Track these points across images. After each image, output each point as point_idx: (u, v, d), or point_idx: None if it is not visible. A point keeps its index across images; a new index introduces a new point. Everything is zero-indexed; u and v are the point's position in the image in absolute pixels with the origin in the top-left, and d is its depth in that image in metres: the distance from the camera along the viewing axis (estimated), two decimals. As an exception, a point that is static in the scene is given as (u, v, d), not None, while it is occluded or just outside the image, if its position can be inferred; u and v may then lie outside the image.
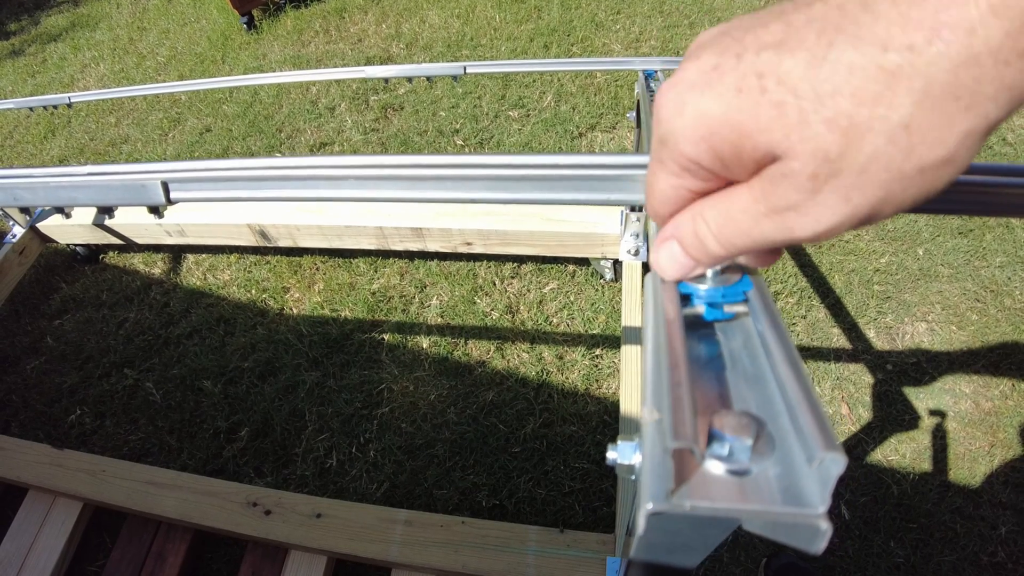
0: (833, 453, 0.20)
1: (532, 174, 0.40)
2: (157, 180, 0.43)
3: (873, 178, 0.20)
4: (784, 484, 0.22)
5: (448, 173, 0.41)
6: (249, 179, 0.43)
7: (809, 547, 0.22)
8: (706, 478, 0.23)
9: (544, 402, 1.42)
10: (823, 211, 0.22)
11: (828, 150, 0.20)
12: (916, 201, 0.21)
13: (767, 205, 0.23)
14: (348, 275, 1.74)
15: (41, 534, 1.32)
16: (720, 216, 0.25)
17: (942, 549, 1.19)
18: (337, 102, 2.33)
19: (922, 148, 0.19)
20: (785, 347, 0.25)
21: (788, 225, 0.23)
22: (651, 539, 0.35)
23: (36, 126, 2.64)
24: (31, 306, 1.87)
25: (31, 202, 0.49)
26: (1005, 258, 1.59)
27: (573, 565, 1.04)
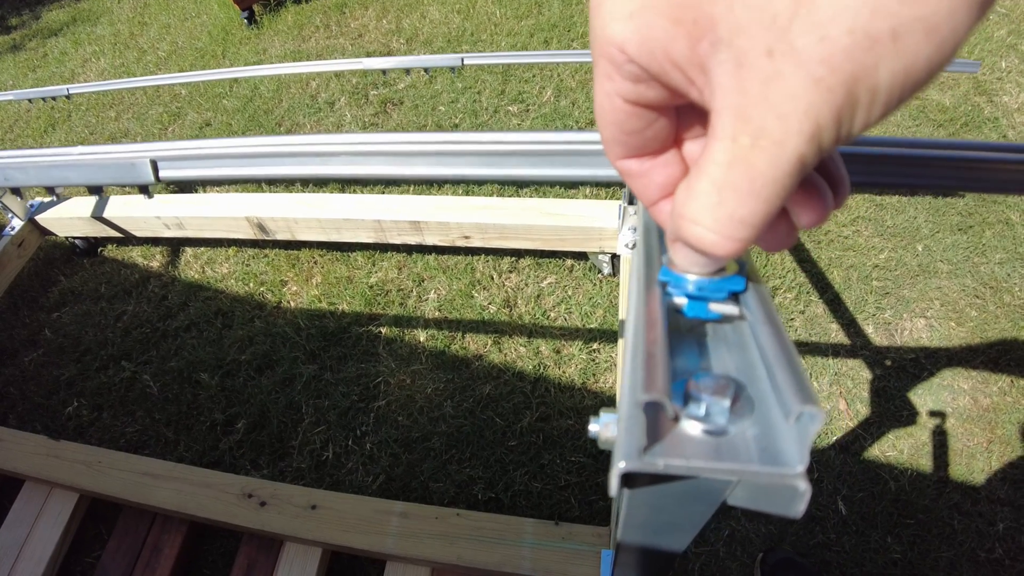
0: (810, 407, 0.20)
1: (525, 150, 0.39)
2: (146, 158, 0.43)
3: (837, 45, 0.16)
4: (762, 444, 0.22)
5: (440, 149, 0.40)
6: (238, 156, 0.42)
7: (788, 510, 0.21)
8: (682, 438, 0.22)
9: (541, 396, 1.42)
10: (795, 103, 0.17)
11: (778, 14, 0.17)
12: (894, 88, 0.17)
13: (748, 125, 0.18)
14: (346, 268, 1.74)
15: (38, 525, 1.32)
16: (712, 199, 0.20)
17: (939, 545, 1.19)
18: (337, 97, 2.32)
19: (892, 2, 0.16)
20: (766, 309, 0.25)
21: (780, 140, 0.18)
22: (636, 518, 0.35)
23: (36, 120, 2.64)
24: (30, 299, 1.87)
25: (22, 182, 0.48)
26: (1005, 254, 1.58)
27: (568, 558, 1.03)
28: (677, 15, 0.19)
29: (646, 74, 0.21)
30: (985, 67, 2.13)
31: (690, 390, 0.23)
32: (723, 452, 0.22)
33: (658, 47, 0.19)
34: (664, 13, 0.19)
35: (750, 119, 0.18)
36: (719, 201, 0.20)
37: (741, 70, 0.18)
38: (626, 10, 0.20)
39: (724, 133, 0.19)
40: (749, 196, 0.19)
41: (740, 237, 0.21)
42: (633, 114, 0.23)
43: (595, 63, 0.22)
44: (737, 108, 0.18)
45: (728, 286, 0.27)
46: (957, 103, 2.00)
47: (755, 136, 0.18)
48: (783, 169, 0.19)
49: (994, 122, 1.93)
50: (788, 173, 0.19)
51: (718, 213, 0.20)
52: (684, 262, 0.25)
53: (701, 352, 0.26)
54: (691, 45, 0.19)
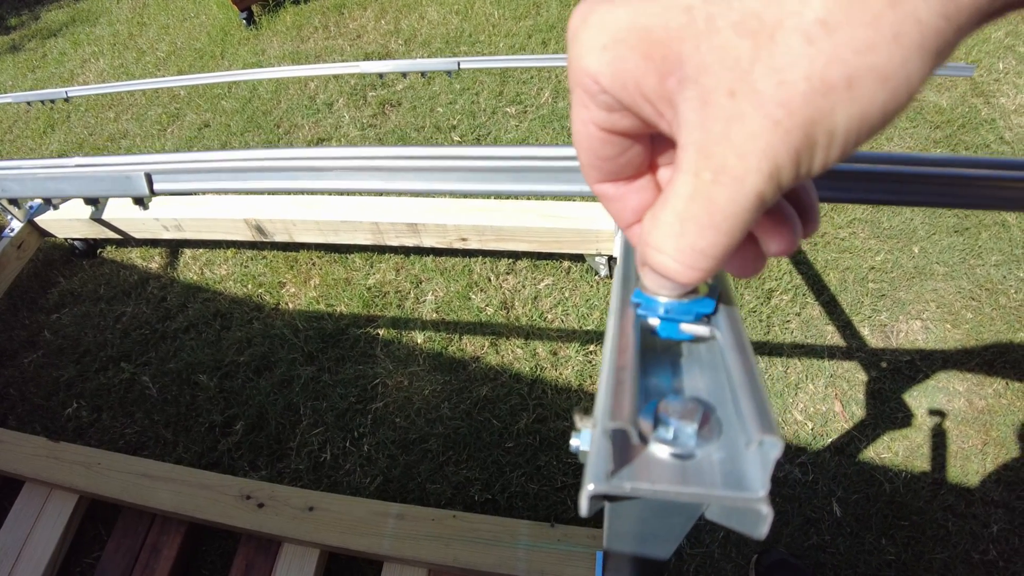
0: (770, 436, 0.20)
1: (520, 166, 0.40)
2: (141, 172, 0.44)
3: (795, 90, 0.17)
4: (727, 468, 0.22)
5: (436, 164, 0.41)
6: (233, 170, 0.43)
7: (753, 532, 0.22)
8: (650, 461, 0.23)
9: (538, 398, 1.42)
10: (755, 143, 0.18)
11: (740, 56, 0.18)
12: (850, 132, 0.18)
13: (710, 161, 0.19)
14: (344, 270, 1.75)
15: (37, 526, 1.33)
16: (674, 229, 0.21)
17: (934, 547, 1.19)
18: (335, 98, 2.33)
19: (846, 51, 0.17)
20: (736, 333, 0.26)
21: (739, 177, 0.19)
22: (618, 529, 0.35)
23: (35, 121, 2.64)
24: (29, 300, 1.88)
25: (19, 193, 0.49)
26: (1000, 256, 1.59)
27: (563, 559, 1.04)
28: (647, 51, 0.19)
29: (618, 104, 0.21)
30: (982, 68, 2.14)
31: (659, 413, 0.24)
32: (689, 476, 0.22)
33: (629, 80, 0.20)
34: (636, 48, 0.20)
35: (712, 155, 0.19)
36: (680, 232, 0.21)
37: (705, 108, 0.19)
38: (600, 42, 0.20)
39: (688, 167, 0.20)
40: (709, 228, 0.20)
41: (700, 267, 0.21)
42: (607, 141, 0.23)
43: (572, 91, 0.22)
44: (700, 144, 0.19)
45: (697, 308, 0.27)
46: (954, 104, 2.00)
47: (716, 172, 0.19)
48: (742, 204, 0.19)
49: (991, 123, 1.93)
50: (747, 208, 0.20)
51: (680, 243, 0.21)
52: (653, 285, 0.26)
53: (675, 371, 0.27)
54: (660, 80, 0.20)
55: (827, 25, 0.17)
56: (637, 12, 0.19)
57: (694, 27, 0.18)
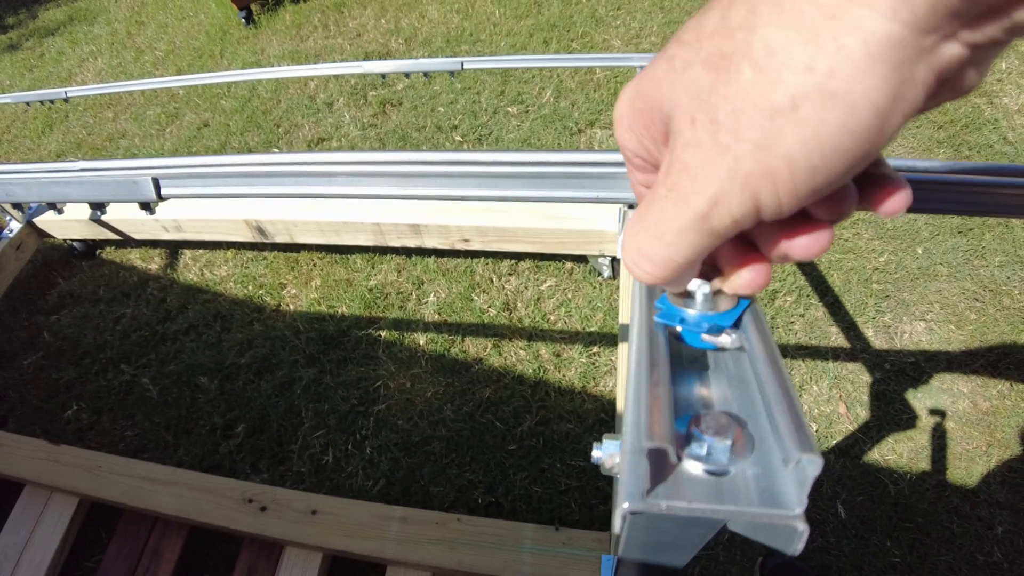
0: (809, 454, 0.20)
1: (525, 171, 0.40)
2: (148, 176, 0.43)
3: (742, 116, 0.18)
4: (762, 485, 0.22)
5: (441, 170, 0.40)
6: (240, 175, 0.42)
7: (787, 548, 0.22)
8: (684, 478, 0.22)
9: (541, 400, 1.42)
10: (704, 167, 0.19)
11: (700, 88, 0.19)
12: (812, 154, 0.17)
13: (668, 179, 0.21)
14: (345, 271, 1.74)
15: (38, 529, 1.32)
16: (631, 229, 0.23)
17: (938, 549, 1.19)
18: (335, 97, 2.32)
19: (787, 73, 0.17)
20: (767, 348, 0.25)
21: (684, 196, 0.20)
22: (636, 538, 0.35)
23: (33, 121, 2.63)
24: (28, 302, 1.87)
25: (24, 198, 0.48)
26: (1004, 257, 1.58)
27: (568, 563, 1.03)
28: (642, 107, 0.22)
29: (645, 162, 0.24)
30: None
31: (692, 430, 0.23)
32: (724, 492, 0.22)
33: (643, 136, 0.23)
34: (637, 108, 0.22)
35: (670, 174, 0.21)
36: (634, 232, 0.23)
37: (674, 136, 0.21)
38: (620, 115, 0.24)
39: (658, 182, 0.22)
40: (654, 236, 0.22)
41: (645, 269, 0.23)
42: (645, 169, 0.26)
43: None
44: (666, 165, 0.21)
45: (716, 320, 0.27)
46: (957, 105, 2.00)
47: (669, 189, 0.21)
48: (684, 222, 0.21)
49: (994, 124, 1.93)
50: (689, 227, 0.21)
51: (630, 242, 0.23)
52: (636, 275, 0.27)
53: (703, 383, 0.26)
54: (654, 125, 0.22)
55: (770, 50, 0.17)
56: (640, 76, 0.22)
57: (672, 71, 0.20)
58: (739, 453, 0.23)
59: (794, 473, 0.21)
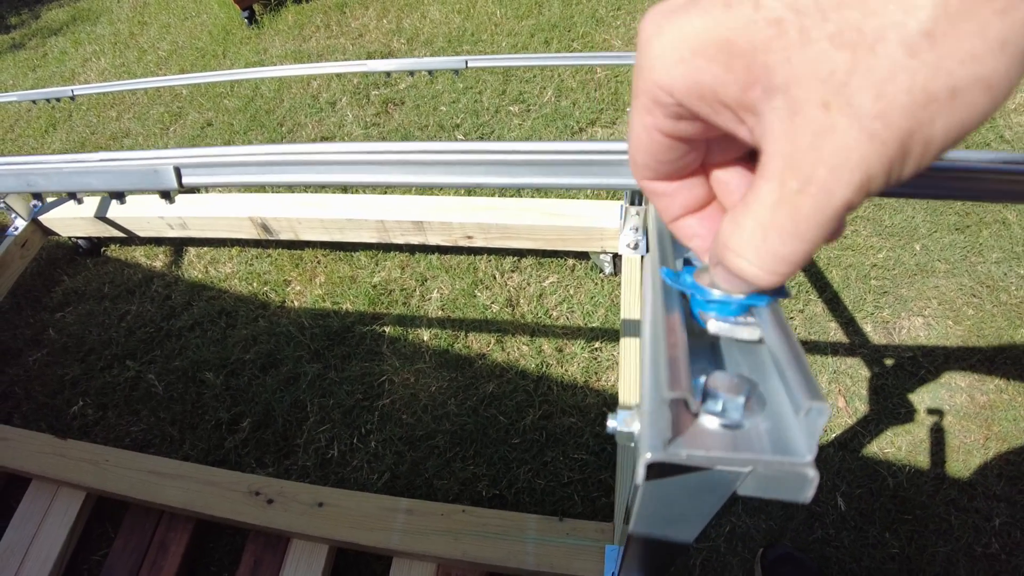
0: (818, 402, 0.21)
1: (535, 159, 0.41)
2: (169, 165, 0.44)
3: (895, 103, 0.17)
4: (774, 436, 0.23)
5: (456, 159, 0.42)
6: (258, 164, 0.44)
7: (798, 496, 0.23)
8: (701, 431, 0.24)
9: (544, 394, 1.43)
10: (847, 155, 0.18)
11: (836, 69, 0.17)
12: (948, 139, 0.18)
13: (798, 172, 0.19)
14: (349, 268, 1.75)
15: (44, 524, 1.34)
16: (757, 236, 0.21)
17: (936, 540, 1.20)
18: (338, 97, 2.33)
19: (951, 63, 0.16)
20: (776, 315, 0.27)
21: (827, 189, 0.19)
22: (648, 509, 0.36)
23: (37, 120, 2.64)
24: (33, 299, 1.88)
25: (44, 188, 0.50)
26: (1001, 254, 1.60)
27: (572, 553, 1.05)
28: (728, 62, 0.19)
29: (689, 113, 0.22)
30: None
31: (707, 388, 0.25)
32: (739, 444, 0.23)
33: (707, 91, 0.20)
34: (715, 60, 0.20)
35: (799, 166, 0.19)
36: (763, 239, 0.21)
37: (795, 118, 0.19)
38: (676, 55, 0.20)
39: (772, 175, 0.20)
40: (792, 237, 0.20)
41: (781, 272, 0.22)
42: (669, 147, 0.24)
43: (636, 97, 0.23)
44: (787, 155, 0.19)
45: (749, 302, 0.27)
46: (954, 103, 2.02)
47: (803, 183, 0.19)
48: (827, 214, 0.19)
49: (991, 122, 1.95)
50: (832, 218, 0.20)
51: (761, 250, 0.21)
52: (726, 285, 0.26)
53: (715, 355, 0.28)
54: (743, 90, 0.20)
55: (932, 36, 0.16)
56: (717, 23, 0.19)
57: (784, 39, 0.18)
58: (751, 409, 0.24)
59: (804, 423, 0.22)
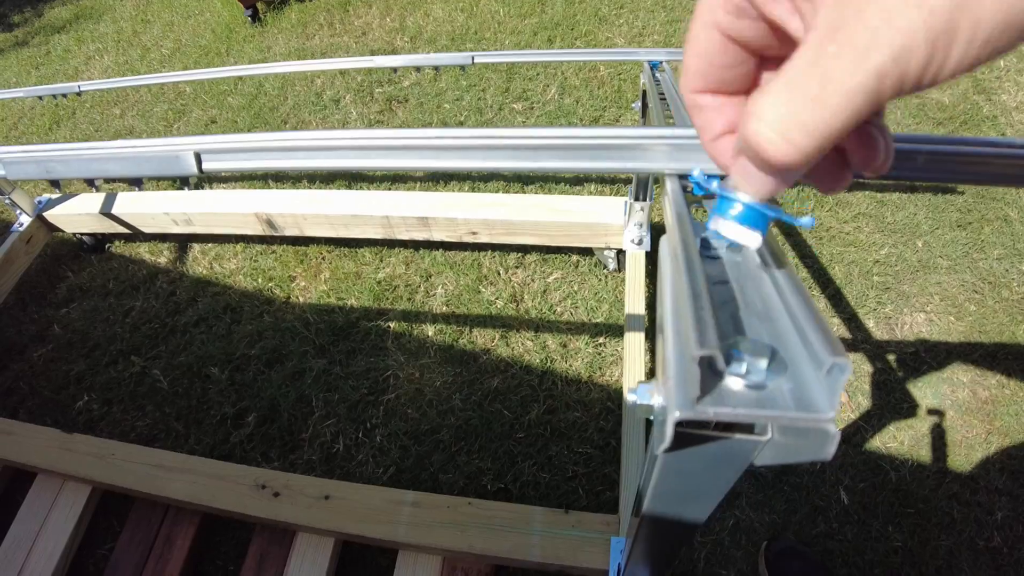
0: (840, 358, 0.22)
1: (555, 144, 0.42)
2: (190, 151, 0.45)
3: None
4: (796, 395, 0.24)
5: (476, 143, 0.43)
6: (277, 150, 0.44)
7: (819, 454, 0.24)
8: (726, 391, 0.25)
9: (548, 389, 1.44)
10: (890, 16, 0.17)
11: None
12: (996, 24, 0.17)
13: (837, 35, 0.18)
14: (354, 264, 1.76)
15: (50, 518, 1.34)
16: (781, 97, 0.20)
17: (939, 534, 1.21)
18: (342, 94, 2.34)
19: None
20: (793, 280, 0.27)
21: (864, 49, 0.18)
22: (664, 486, 0.37)
23: (41, 117, 2.65)
24: (37, 295, 1.89)
25: (64, 174, 0.50)
26: (1003, 250, 1.61)
27: (578, 545, 1.06)
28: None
29: (750, 9, 0.22)
30: (984, 66, 2.16)
31: (731, 351, 0.25)
32: (764, 402, 0.24)
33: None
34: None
35: (840, 29, 0.18)
36: (788, 99, 0.20)
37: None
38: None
39: (812, 42, 0.19)
40: (816, 102, 0.19)
41: (797, 142, 0.20)
42: (725, 50, 0.24)
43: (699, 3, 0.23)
44: (831, 21, 0.19)
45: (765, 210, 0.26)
46: (956, 101, 2.03)
47: (841, 45, 0.18)
48: (858, 80, 0.18)
49: (992, 120, 1.96)
50: (861, 88, 0.19)
51: (782, 111, 0.20)
52: (740, 175, 0.24)
53: (736, 324, 0.29)
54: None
55: None
56: None
57: None
58: (774, 371, 0.25)
59: (825, 381, 0.23)
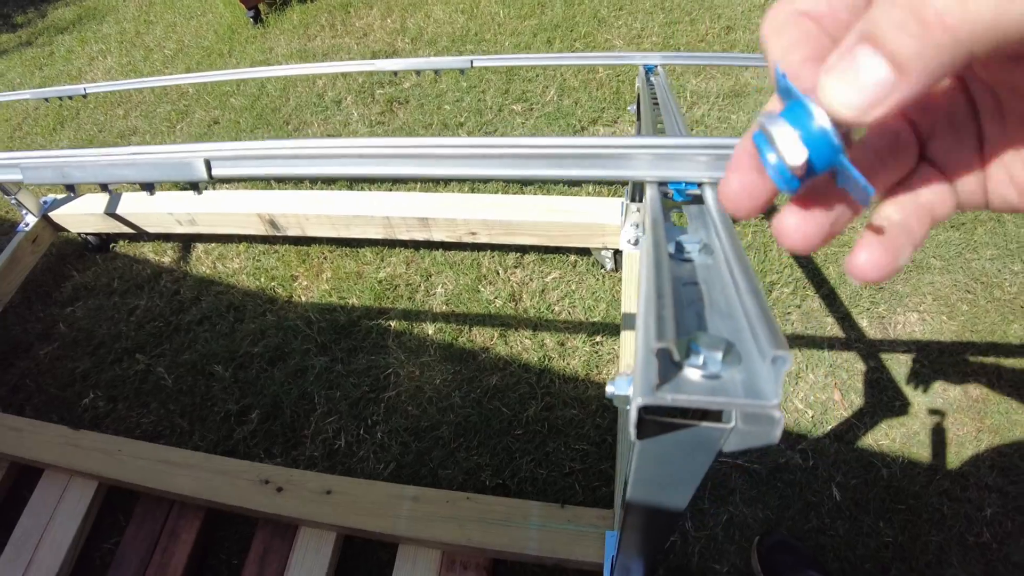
0: (781, 351, 0.25)
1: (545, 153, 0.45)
2: (200, 158, 0.48)
3: None
4: (747, 385, 0.27)
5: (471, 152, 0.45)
6: (284, 157, 0.47)
7: (768, 437, 0.26)
8: (685, 381, 0.28)
9: (546, 387, 1.46)
10: None
11: None
12: None
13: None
14: (355, 264, 1.79)
15: (58, 512, 1.37)
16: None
17: (930, 529, 1.23)
18: (343, 95, 2.37)
19: None
20: (750, 281, 0.30)
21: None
22: (643, 473, 0.40)
23: (45, 118, 2.67)
24: (43, 294, 1.91)
25: (80, 179, 0.53)
26: (996, 251, 1.63)
27: (573, 539, 1.08)
28: None
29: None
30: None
31: (691, 345, 0.28)
32: (717, 390, 0.27)
33: None
34: None
35: None
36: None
37: None
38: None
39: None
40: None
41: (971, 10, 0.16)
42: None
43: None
44: None
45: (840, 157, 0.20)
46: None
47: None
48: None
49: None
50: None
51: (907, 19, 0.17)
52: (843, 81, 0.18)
53: (700, 321, 0.31)
54: None
55: None
56: None
57: None
58: (728, 364, 0.28)
59: (771, 373, 0.26)
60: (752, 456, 1.33)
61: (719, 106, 2.10)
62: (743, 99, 2.12)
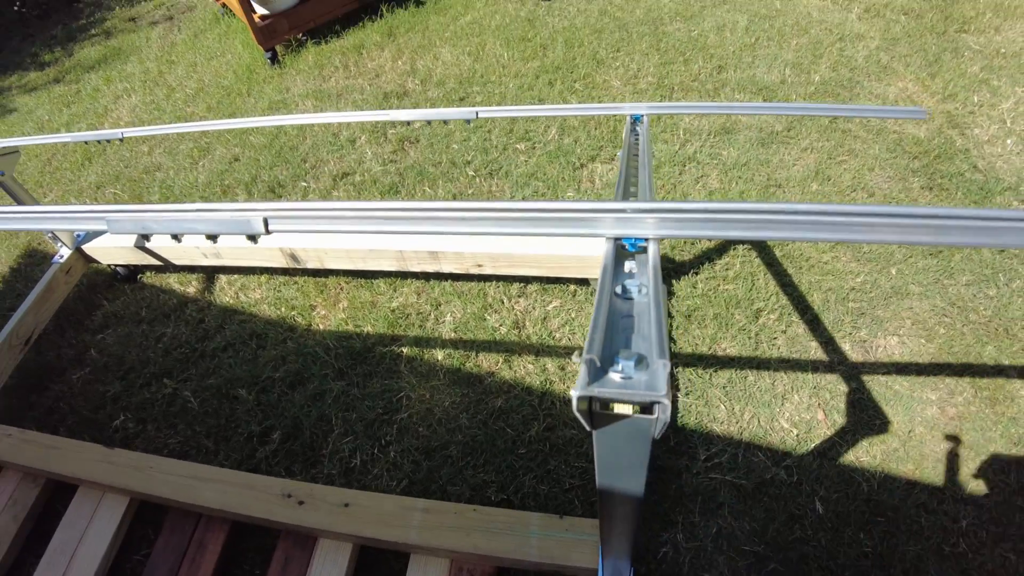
0: (662, 360, 0.37)
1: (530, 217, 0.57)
2: (260, 216, 0.59)
3: None
4: (648, 383, 0.41)
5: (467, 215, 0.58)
6: (329, 217, 0.58)
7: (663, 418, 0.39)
8: (608, 380, 0.43)
9: (548, 408, 1.57)
10: None
11: None
12: None
13: None
14: (370, 294, 1.91)
15: (91, 525, 1.47)
16: None
17: (907, 540, 1.32)
18: (357, 135, 2.51)
19: None
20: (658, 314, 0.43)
21: None
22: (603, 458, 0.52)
23: (73, 153, 2.83)
24: (75, 321, 2.04)
25: (156, 231, 0.64)
26: (972, 276, 1.73)
27: (571, 546, 1.18)
28: None
29: None
30: (958, 102, 2.30)
31: (615, 358, 0.42)
32: (627, 386, 0.42)
33: None
34: None
35: None
36: None
37: None
38: None
39: None
40: None
41: None
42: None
43: None
44: None
45: None
46: (931, 136, 2.17)
47: None
48: None
49: (965, 153, 2.09)
50: None
51: None
52: None
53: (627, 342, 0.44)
54: None
55: None
56: None
57: None
58: (640, 370, 0.41)
59: (663, 375, 0.38)
60: (740, 472, 1.42)
61: (710, 143, 2.23)
62: (733, 135, 2.25)
